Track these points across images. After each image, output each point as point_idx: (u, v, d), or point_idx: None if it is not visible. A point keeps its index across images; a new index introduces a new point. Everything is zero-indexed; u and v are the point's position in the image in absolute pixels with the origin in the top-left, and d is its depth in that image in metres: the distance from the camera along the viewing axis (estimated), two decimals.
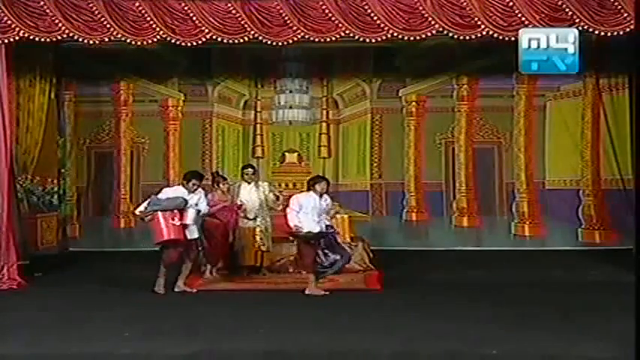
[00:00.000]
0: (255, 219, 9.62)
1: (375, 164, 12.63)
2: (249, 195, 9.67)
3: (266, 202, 9.73)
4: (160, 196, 8.47)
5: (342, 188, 12.49)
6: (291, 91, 12.53)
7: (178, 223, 8.29)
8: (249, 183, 9.76)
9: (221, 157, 12.67)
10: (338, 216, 10.06)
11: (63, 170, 12.07)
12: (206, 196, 8.92)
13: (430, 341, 6.12)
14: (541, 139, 12.33)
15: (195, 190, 8.54)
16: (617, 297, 7.07)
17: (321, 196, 8.43)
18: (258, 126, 12.72)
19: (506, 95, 12.36)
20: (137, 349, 5.99)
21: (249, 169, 9.92)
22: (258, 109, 12.71)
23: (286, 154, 12.69)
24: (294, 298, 8.12)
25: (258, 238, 9.59)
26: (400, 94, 12.55)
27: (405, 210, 12.49)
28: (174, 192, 8.56)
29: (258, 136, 12.70)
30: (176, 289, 8.52)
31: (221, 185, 9.66)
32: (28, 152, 10.61)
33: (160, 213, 8.24)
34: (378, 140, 12.62)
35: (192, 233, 8.50)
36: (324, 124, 12.71)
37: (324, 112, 12.72)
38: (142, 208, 8.51)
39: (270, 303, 7.81)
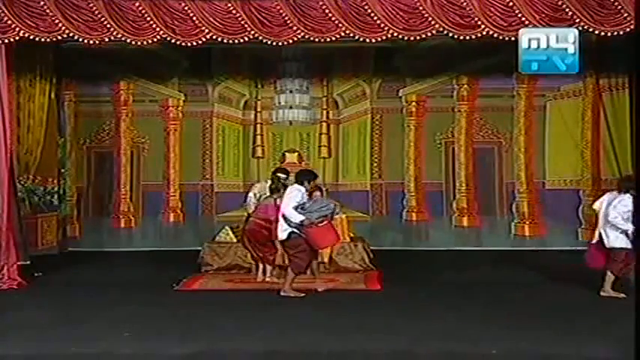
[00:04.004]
0: None
1: (375, 164, 12.64)
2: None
3: None
4: (316, 199, 8.15)
5: (342, 188, 12.53)
6: (291, 91, 12.52)
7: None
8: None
9: (221, 157, 12.69)
10: (337, 216, 10.06)
11: (63, 170, 12.11)
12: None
13: (430, 341, 6.11)
14: (541, 139, 12.35)
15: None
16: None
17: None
18: (258, 126, 12.73)
19: (506, 95, 12.38)
20: (137, 349, 5.98)
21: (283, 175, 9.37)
22: (258, 109, 12.73)
23: (286, 154, 12.68)
24: (294, 297, 8.11)
25: None
26: (400, 94, 12.56)
27: (405, 210, 12.52)
28: (302, 194, 8.11)
29: (259, 136, 12.72)
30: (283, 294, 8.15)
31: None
32: (30, 152, 10.63)
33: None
34: (378, 140, 12.64)
35: None
36: (324, 124, 12.73)
37: (324, 112, 12.74)
38: (301, 217, 7.89)
39: (270, 303, 7.79)
